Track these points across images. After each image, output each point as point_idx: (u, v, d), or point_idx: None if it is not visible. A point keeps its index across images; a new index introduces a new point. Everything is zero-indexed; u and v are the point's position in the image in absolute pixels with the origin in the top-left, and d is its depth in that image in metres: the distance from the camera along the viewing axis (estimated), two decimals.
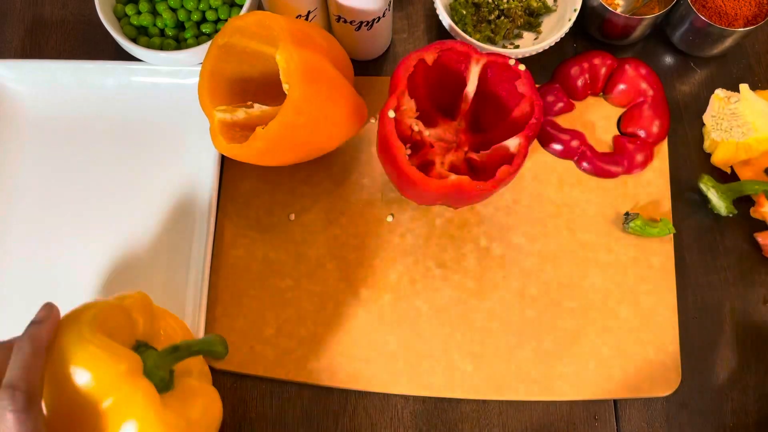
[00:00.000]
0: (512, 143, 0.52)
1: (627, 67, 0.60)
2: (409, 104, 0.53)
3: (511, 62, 0.52)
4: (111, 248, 0.57)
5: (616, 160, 0.59)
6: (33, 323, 0.39)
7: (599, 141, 0.61)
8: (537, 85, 0.62)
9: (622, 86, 0.61)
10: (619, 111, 0.62)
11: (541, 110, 0.52)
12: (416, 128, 0.54)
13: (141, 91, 0.61)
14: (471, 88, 0.55)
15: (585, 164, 0.59)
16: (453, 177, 0.50)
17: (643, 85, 0.60)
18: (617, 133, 0.61)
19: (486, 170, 0.54)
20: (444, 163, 0.56)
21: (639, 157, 0.59)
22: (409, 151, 0.54)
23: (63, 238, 0.57)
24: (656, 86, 0.60)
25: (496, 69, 0.53)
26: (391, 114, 0.50)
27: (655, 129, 0.59)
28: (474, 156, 0.55)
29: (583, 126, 0.61)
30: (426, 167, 0.55)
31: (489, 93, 0.55)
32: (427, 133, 0.55)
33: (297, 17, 0.56)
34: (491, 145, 0.53)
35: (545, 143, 0.60)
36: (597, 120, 0.61)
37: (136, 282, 0.56)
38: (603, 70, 0.61)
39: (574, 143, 0.60)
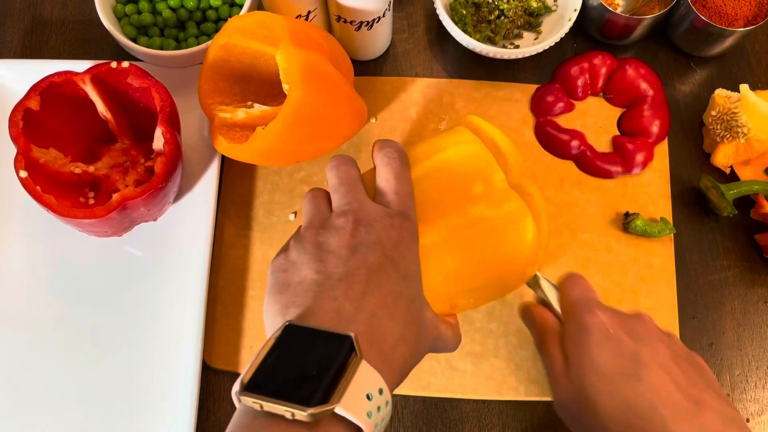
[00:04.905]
0: (158, 135, 0.52)
1: (627, 67, 0.60)
2: (48, 154, 0.52)
3: (113, 65, 0.51)
4: (110, 247, 0.57)
5: (616, 160, 0.59)
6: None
7: (599, 141, 0.61)
8: (536, 85, 0.62)
9: (622, 86, 0.61)
10: (619, 111, 0.62)
11: (165, 91, 0.51)
12: (78, 170, 0.53)
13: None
14: (101, 107, 0.54)
15: (585, 164, 0.59)
16: (116, 195, 0.49)
17: (643, 85, 0.60)
18: (617, 133, 0.61)
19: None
20: (128, 184, 0.54)
21: (639, 157, 0.59)
22: (92, 195, 0.54)
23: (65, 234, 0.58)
24: (656, 86, 0.60)
25: (110, 77, 0.52)
26: (23, 174, 0.49)
27: (655, 129, 0.59)
28: (151, 163, 0.55)
29: (583, 126, 0.61)
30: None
31: (128, 100, 0.55)
32: (93, 168, 0.54)
33: (297, 17, 0.56)
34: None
35: (545, 143, 0.60)
36: (597, 120, 0.61)
37: (134, 284, 0.56)
38: (603, 70, 0.61)
39: (574, 143, 0.60)
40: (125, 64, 0.52)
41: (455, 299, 0.43)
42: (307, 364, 0.32)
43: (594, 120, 0.61)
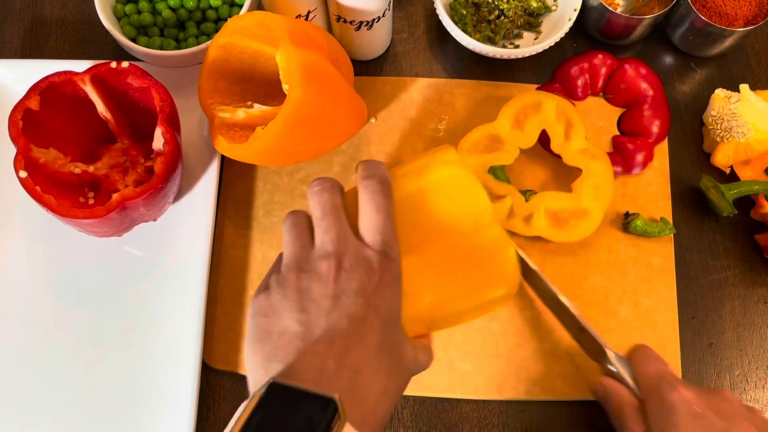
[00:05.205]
0: (157, 135, 0.52)
1: (627, 67, 0.60)
2: (48, 154, 0.51)
3: (113, 65, 0.51)
4: (110, 247, 0.57)
5: (616, 160, 0.59)
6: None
7: (599, 141, 0.61)
8: (536, 85, 0.62)
9: (622, 86, 0.61)
10: (619, 111, 0.62)
11: (165, 91, 0.51)
12: (77, 170, 0.53)
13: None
14: (101, 107, 0.53)
15: None
16: (116, 195, 0.49)
17: (643, 85, 0.60)
18: (617, 133, 0.61)
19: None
20: (128, 184, 0.54)
21: (639, 157, 0.59)
22: (92, 195, 0.54)
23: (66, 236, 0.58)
24: (656, 86, 0.60)
25: (110, 77, 0.52)
26: (23, 174, 0.49)
27: (655, 129, 0.59)
28: (150, 163, 0.55)
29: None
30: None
31: (128, 100, 0.54)
32: (93, 168, 0.54)
33: (297, 17, 0.57)
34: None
35: (545, 144, 0.60)
36: (597, 120, 0.61)
37: (134, 284, 0.56)
38: (603, 70, 0.61)
39: None
40: (125, 64, 0.52)
41: (433, 324, 0.43)
42: (292, 426, 0.32)
43: (594, 120, 0.61)
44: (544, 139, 0.60)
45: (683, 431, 0.42)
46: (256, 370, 0.36)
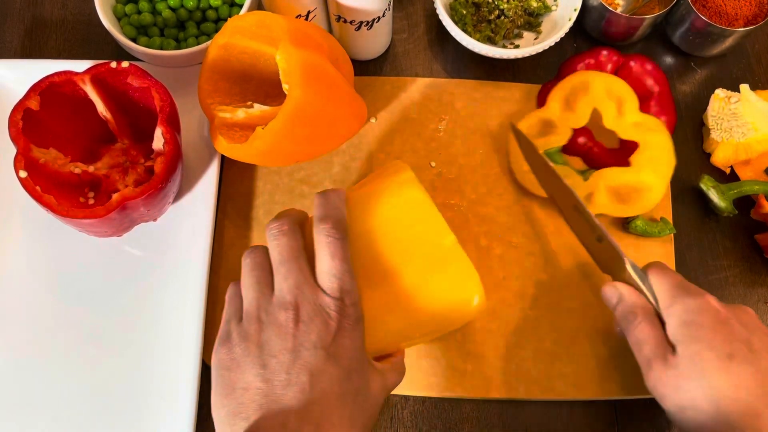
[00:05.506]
0: (157, 135, 0.52)
1: (632, 63, 0.60)
2: (48, 154, 0.51)
3: (113, 65, 0.51)
4: (110, 247, 0.57)
5: (624, 155, 0.59)
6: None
7: (607, 137, 0.60)
8: (538, 85, 0.62)
9: (627, 83, 0.60)
10: None
11: (165, 91, 0.52)
12: (77, 170, 0.53)
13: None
14: (101, 107, 0.53)
15: (592, 160, 0.59)
16: (116, 195, 0.49)
17: (649, 82, 0.60)
18: None
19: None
20: (127, 184, 0.54)
21: None
22: (92, 195, 0.54)
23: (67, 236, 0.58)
24: (662, 82, 0.60)
25: (110, 77, 0.52)
26: (23, 174, 0.49)
27: None
28: (150, 163, 0.55)
29: (589, 122, 0.61)
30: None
31: (128, 100, 0.54)
32: (93, 168, 0.54)
33: (297, 17, 0.57)
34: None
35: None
36: None
37: (134, 284, 0.56)
38: (609, 67, 0.60)
39: (581, 140, 0.59)
40: (125, 64, 0.52)
41: (402, 345, 0.44)
42: None
43: None
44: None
45: (707, 332, 0.42)
46: (223, 426, 0.38)
